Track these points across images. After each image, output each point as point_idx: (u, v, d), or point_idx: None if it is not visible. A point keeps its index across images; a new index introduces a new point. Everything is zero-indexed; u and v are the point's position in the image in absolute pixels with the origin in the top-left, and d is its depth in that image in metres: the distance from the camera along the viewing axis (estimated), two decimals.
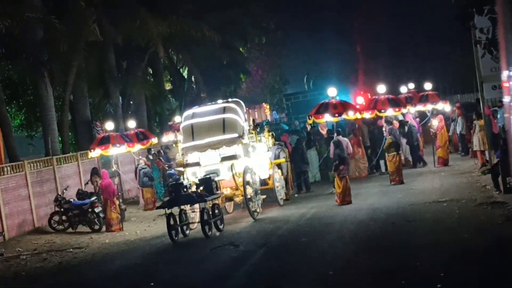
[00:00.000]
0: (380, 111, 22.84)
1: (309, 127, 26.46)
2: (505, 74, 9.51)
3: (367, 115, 22.98)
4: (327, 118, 20.82)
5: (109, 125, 22.64)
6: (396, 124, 24.65)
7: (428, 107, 25.67)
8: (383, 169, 25.56)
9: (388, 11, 54.67)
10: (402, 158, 24.46)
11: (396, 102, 23.39)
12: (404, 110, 24.53)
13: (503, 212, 15.39)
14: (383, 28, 55.84)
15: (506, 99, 12.20)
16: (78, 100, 29.56)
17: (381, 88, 23.91)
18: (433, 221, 15.48)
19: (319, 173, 26.56)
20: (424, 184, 21.84)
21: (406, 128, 26.13)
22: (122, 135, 22.51)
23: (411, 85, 34.19)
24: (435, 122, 25.50)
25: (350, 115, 20.85)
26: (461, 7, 15.13)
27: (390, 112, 22.91)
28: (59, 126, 26.90)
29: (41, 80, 25.84)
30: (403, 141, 25.78)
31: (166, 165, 26.75)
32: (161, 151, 28.36)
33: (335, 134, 21.03)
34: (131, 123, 25.25)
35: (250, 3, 41.26)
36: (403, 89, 30.85)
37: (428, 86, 26.59)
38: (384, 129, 23.85)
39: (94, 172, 23.47)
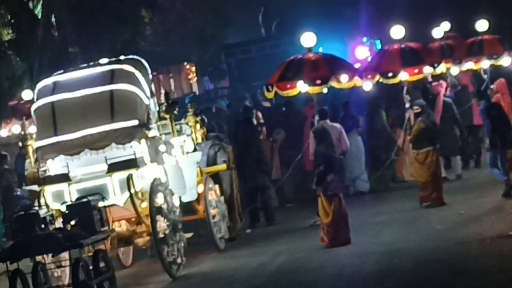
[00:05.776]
0: (384, 75, 23.01)
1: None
2: None
3: (369, 83, 23.26)
4: (301, 87, 20.90)
5: None
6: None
7: (484, 64, 25.81)
8: None
9: None
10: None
11: (417, 56, 23.50)
12: (427, 70, 24.22)
13: None
14: None
15: None
16: None
17: (397, 32, 23.81)
18: (500, 271, 15.63)
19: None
20: (481, 206, 22.07)
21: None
22: None
23: (446, 25, 34.16)
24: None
25: (343, 80, 20.97)
26: None
27: (403, 76, 22.98)
28: None
29: None
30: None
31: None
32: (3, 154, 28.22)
33: (316, 118, 21.11)
34: None
35: None
36: (437, 33, 30.88)
37: (482, 25, 26.78)
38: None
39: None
